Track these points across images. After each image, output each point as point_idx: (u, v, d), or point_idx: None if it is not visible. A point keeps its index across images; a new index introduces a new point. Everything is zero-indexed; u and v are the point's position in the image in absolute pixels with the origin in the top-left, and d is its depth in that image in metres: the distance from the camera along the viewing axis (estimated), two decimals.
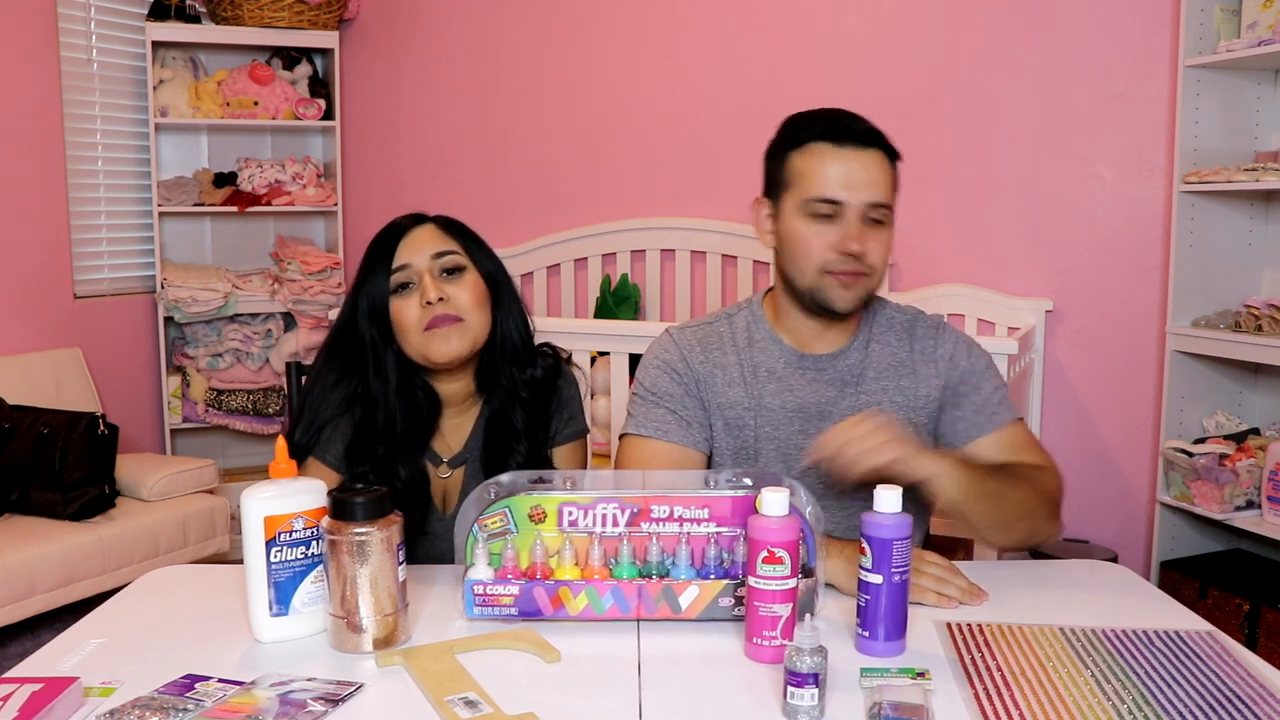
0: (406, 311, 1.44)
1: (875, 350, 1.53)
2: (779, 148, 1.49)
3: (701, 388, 1.52)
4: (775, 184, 1.48)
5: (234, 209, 3.94)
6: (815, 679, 0.98)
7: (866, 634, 1.15)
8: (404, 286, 1.45)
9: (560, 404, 1.57)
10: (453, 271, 1.46)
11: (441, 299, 1.42)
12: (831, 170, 1.40)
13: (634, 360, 2.82)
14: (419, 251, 1.45)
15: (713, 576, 1.22)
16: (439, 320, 1.42)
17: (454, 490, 1.53)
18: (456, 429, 1.55)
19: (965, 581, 1.31)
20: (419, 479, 1.49)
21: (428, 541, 1.50)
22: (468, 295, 1.45)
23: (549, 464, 1.55)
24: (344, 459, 1.48)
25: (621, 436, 1.56)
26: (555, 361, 1.59)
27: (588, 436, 1.63)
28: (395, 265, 1.44)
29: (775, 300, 1.55)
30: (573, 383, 1.60)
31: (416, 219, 1.51)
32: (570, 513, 1.23)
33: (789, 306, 1.51)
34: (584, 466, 1.63)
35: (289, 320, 4.08)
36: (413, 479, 1.47)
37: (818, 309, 1.46)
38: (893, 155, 1.44)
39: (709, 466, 1.54)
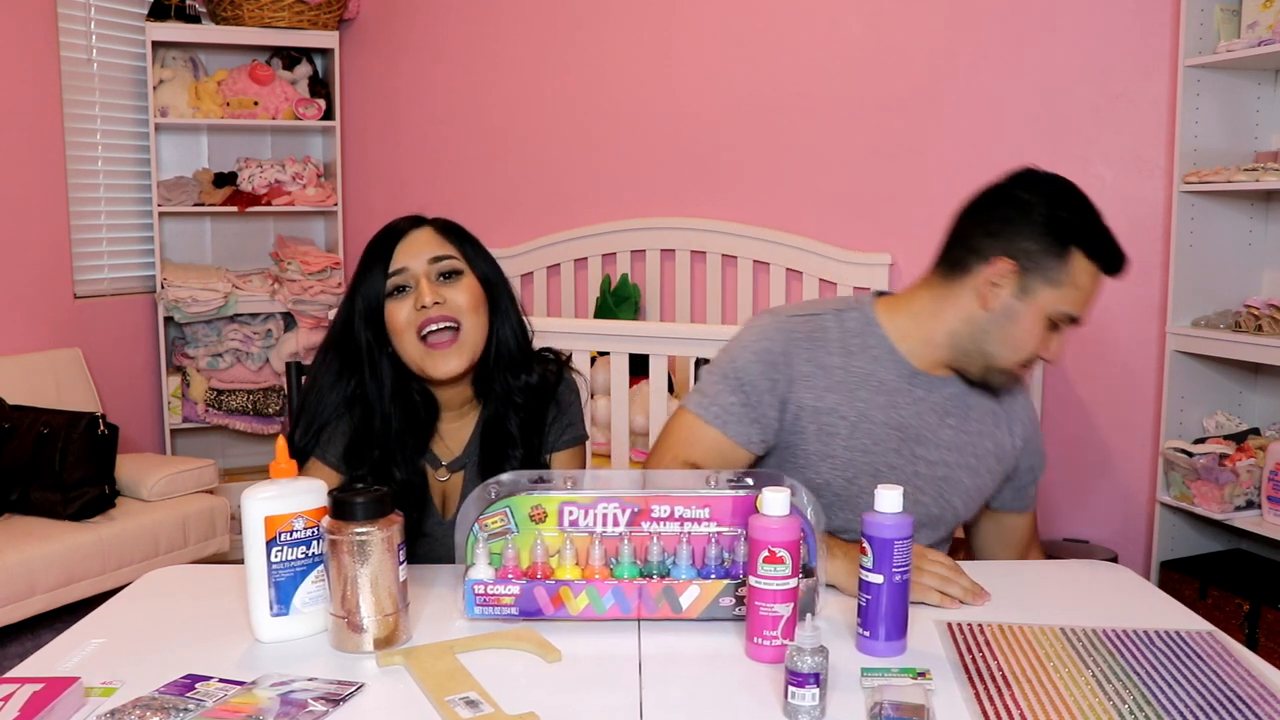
0: (400, 314, 1.42)
1: (964, 387, 1.52)
2: (1069, 232, 1.41)
3: (794, 387, 1.47)
4: (1040, 265, 1.40)
5: (234, 209, 3.94)
6: (816, 679, 0.98)
7: (867, 634, 1.15)
8: (400, 290, 1.43)
9: (560, 410, 1.55)
10: (449, 275, 1.44)
11: (438, 303, 1.41)
12: (1093, 297, 1.43)
13: (634, 360, 2.83)
14: (416, 255, 1.44)
15: (713, 576, 1.21)
16: (432, 321, 1.41)
17: (453, 494, 1.53)
18: (456, 433, 1.54)
19: (968, 581, 1.31)
20: (416, 481, 1.48)
21: (426, 543, 1.50)
22: (464, 299, 1.43)
23: (546, 469, 1.53)
24: (343, 459, 1.48)
25: (680, 406, 1.52)
26: (557, 366, 1.57)
27: (587, 443, 1.62)
28: (392, 269, 1.43)
29: (909, 314, 1.50)
30: (573, 389, 1.58)
31: (415, 221, 1.49)
32: (571, 512, 1.23)
33: (939, 336, 1.48)
34: None
35: (289, 320, 4.08)
36: (409, 481, 1.46)
37: (980, 382, 1.48)
38: None
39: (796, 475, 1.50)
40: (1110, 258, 1.42)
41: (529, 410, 1.51)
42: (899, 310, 1.51)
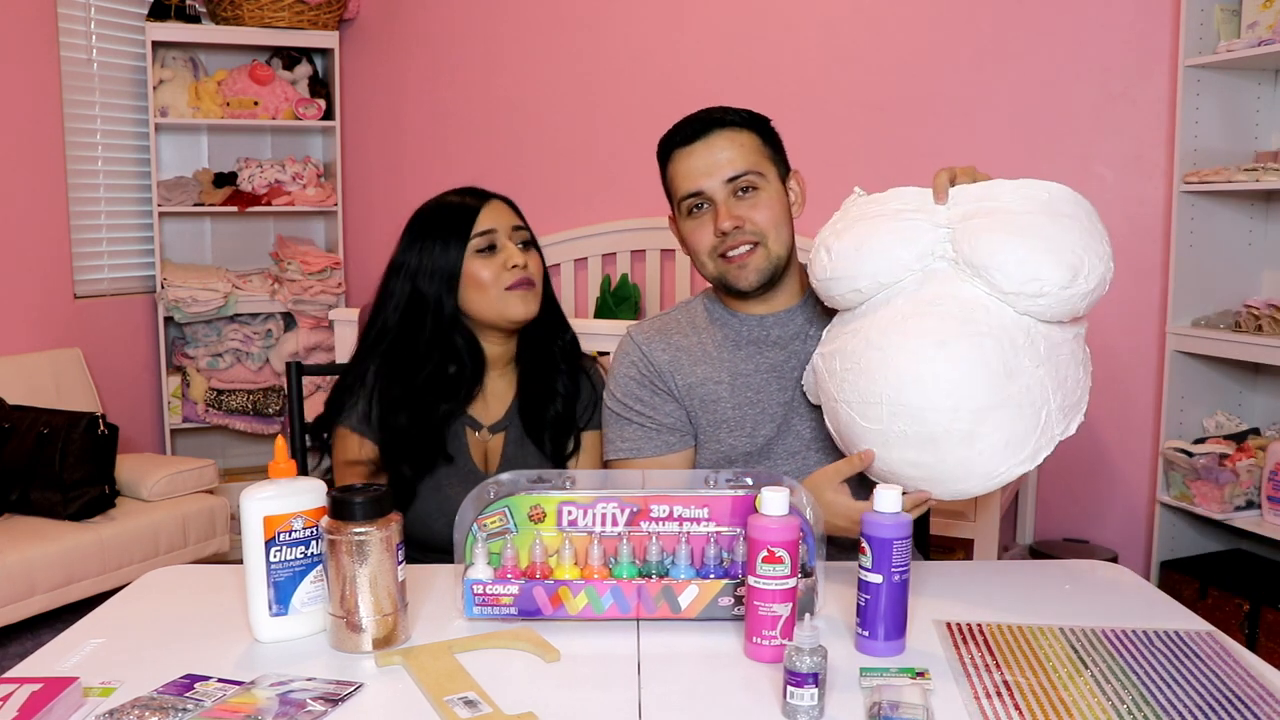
0: (488, 270, 1.56)
1: (817, 302, 1.57)
2: (661, 170, 1.58)
3: (666, 378, 1.56)
4: (670, 203, 1.58)
5: (234, 209, 3.94)
6: (815, 679, 0.98)
7: (866, 634, 1.15)
8: (490, 249, 1.57)
9: (595, 392, 1.69)
10: (526, 245, 1.62)
11: (527, 265, 1.58)
12: (685, 168, 1.51)
13: None
14: (501, 221, 1.60)
15: (712, 576, 1.21)
16: (521, 283, 1.56)
17: (495, 452, 1.63)
18: (499, 394, 1.65)
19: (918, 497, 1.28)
20: (450, 424, 1.59)
21: (458, 475, 1.58)
22: (537, 266, 1.61)
23: (577, 429, 1.66)
24: (379, 415, 1.56)
25: (605, 463, 1.61)
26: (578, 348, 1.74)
27: None
28: (481, 229, 1.57)
29: (717, 290, 1.62)
30: (602, 380, 1.70)
31: (484, 193, 1.63)
32: (570, 512, 1.23)
33: (725, 295, 1.60)
34: None
35: (289, 320, 4.08)
36: (443, 425, 1.58)
37: (734, 293, 1.54)
38: (750, 124, 1.53)
39: (699, 450, 1.59)
40: (670, 139, 1.54)
41: (568, 365, 1.66)
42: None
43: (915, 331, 1.25)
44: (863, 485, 1.30)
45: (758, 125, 1.54)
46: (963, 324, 1.24)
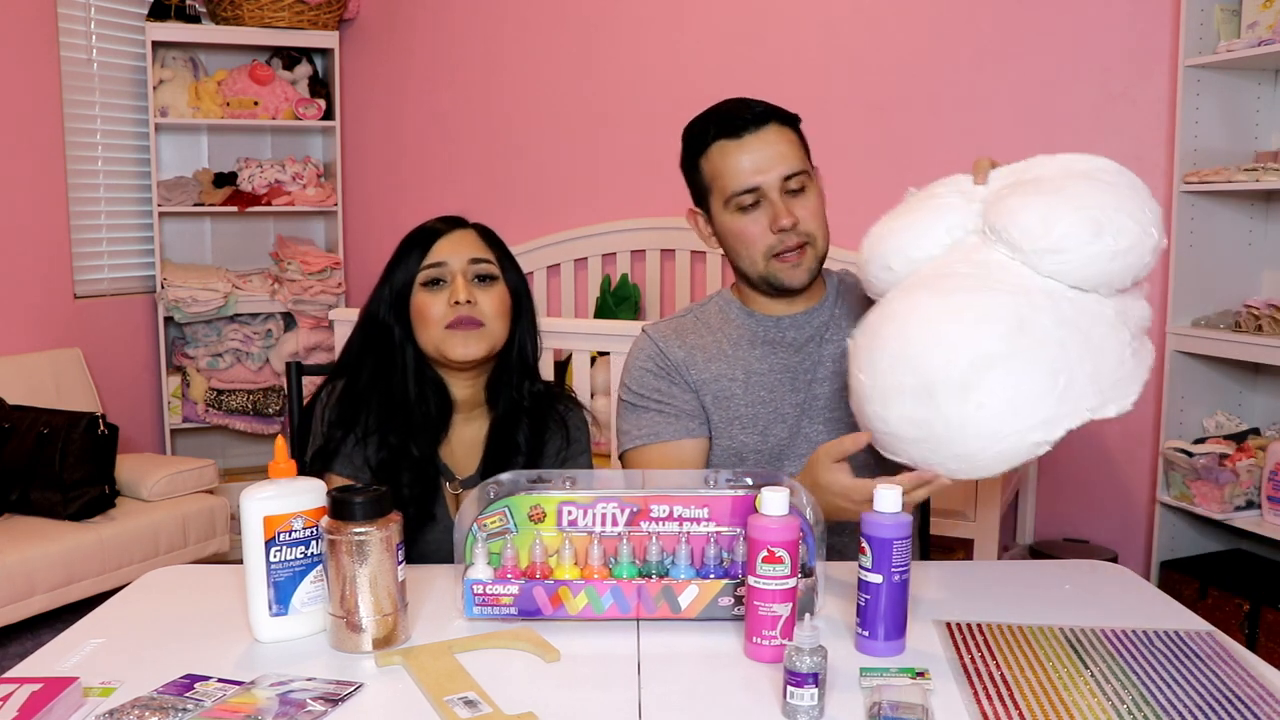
0: (433, 306, 1.48)
1: (840, 307, 1.58)
2: (689, 160, 1.55)
3: (682, 370, 1.56)
4: (699, 193, 1.55)
5: (234, 209, 3.94)
6: (815, 679, 0.98)
7: (866, 634, 1.15)
8: (436, 282, 1.49)
9: (568, 441, 1.60)
10: (484, 279, 1.50)
11: (469, 301, 1.47)
12: (739, 163, 1.47)
13: None
14: (457, 253, 1.50)
15: (712, 576, 1.21)
16: (462, 321, 1.47)
17: None
18: (468, 441, 1.56)
19: (921, 492, 1.23)
20: (429, 463, 1.51)
21: (435, 532, 1.51)
22: (493, 304, 1.49)
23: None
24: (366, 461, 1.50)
25: (621, 456, 1.59)
26: (560, 388, 1.65)
27: None
28: (431, 261, 1.49)
29: (740, 289, 1.61)
30: (586, 424, 1.64)
31: (458, 221, 1.55)
32: (570, 512, 1.23)
33: (752, 293, 1.58)
34: None
35: (289, 320, 4.08)
36: (425, 458, 1.50)
37: (777, 291, 1.53)
38: (790, 121, 1.52)
39: (712, 446, 1.57)
40: (711, 128, 1.49)
41: (534, 419, 1.56)
42: (740, 289, 1.62)
43: (926, 287, 1.23)
44: (874, 474, 1.27)
45: (796, 123, 1.55)
46: (978, 280, 1.19)
